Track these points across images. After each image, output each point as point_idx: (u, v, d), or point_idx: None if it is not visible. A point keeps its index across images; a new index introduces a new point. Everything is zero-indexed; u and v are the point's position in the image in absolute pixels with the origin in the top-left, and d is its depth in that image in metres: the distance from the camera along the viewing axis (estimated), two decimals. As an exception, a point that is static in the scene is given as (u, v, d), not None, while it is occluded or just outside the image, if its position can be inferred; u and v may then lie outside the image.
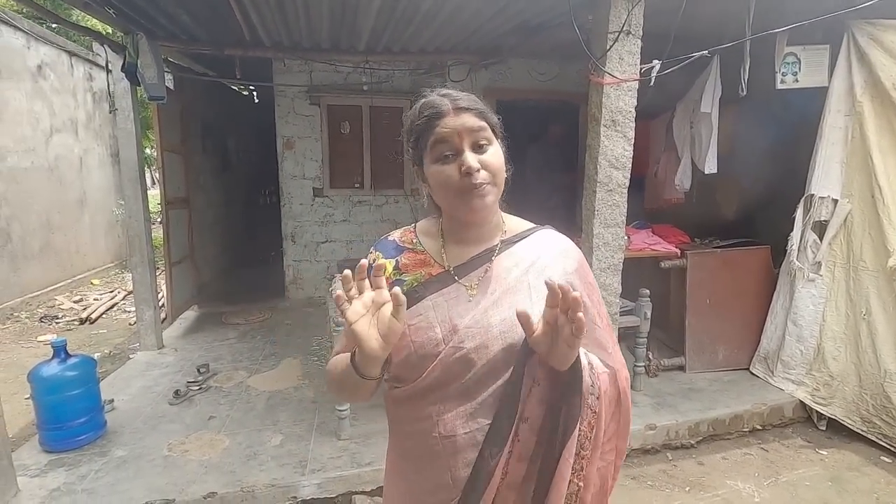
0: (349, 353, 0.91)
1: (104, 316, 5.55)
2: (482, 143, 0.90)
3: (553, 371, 0.89)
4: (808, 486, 2.59)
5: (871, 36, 2.87)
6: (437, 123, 0.89)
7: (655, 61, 2.78)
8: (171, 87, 4.65)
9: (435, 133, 0.90)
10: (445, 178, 0.90)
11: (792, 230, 3.29)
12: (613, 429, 0.98)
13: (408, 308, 0.93)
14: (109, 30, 4.55)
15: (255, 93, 8.04)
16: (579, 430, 0.91)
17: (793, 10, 2.81)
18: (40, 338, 4.82)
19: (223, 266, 6.49)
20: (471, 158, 0.88)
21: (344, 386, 0.96)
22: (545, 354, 0.87)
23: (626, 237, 3.15)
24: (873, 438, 2.88)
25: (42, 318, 5.41)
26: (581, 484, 0.93)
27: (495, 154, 0.92)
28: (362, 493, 2.43)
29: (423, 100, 0.94)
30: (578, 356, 0.89)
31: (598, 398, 0.92)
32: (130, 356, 4.04)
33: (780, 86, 3.15)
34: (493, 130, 0.93)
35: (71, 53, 6.72)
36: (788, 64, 3.14)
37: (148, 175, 11.10)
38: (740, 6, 2.80)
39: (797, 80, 3.14)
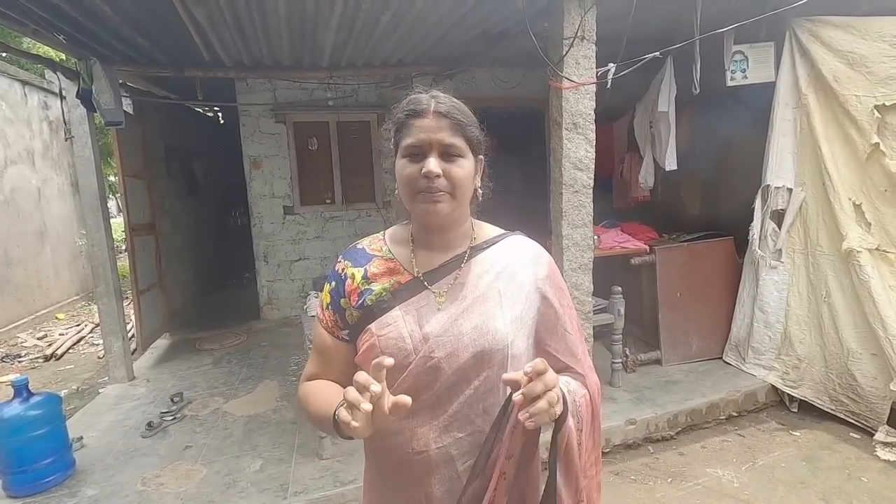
0: (331, 407, 0.85)
1: (71, 351, 5.34)
2: (452, 153, 0.90)
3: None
4: (784, 467, 2.66)
5: (811, 32, 3.03)
6: (413, 122, 0.90)
7: (611, 64, 2.87)
8: (131, 112, 4.56)
9: (409, 131, 0.90)
10: (407, 175, 0.90)
11: (752, 220, 3.40)
12: (591, 444, 0.98)
13: (377, 318, 0.93)
14: (63, 56, 4.45)
15: (219, 114, 7.94)
16: (578, 464, 0.91)
17: (738, 10, 2.94)
18: (2, 378, 4.60)
19: (195, 291, 6.34)
20: (433, 164, 0.88)
21: (320, 427, 0.99)
22: None
23: (595, 237, 3.21)
24: (842, 416, 2.98)
25: (3, 357, 5.17)
26: None
27: (462, 167, 0.90)
28: (347, 512, 2.39)
29: (412, 95, 0.94)
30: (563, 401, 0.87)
31: (581, 431, 0.92)
32: (100, 390, 3.89)
33: (730, 83, 3.28)
34: (470, 145, 0.92)
35: (24, 82, 6.53)
36: (737, 62, 3.27)
37: (113, 203, 10.81)
38: (688, 8, 2.92)
39: (746, 77, 3.28)
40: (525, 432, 0.89)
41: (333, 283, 1.00)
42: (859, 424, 2.90)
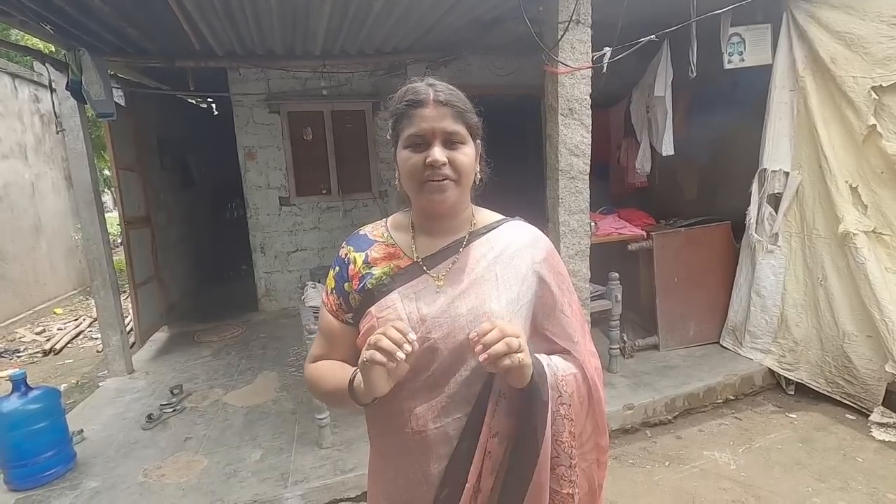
0: (345, 377, 0.92)
1: (69, 345, 5.33)
2: (455, 140, 0.91)
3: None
4: (780, 449, 2.69)
5: (809, 13, 2.99)
6: (414, 112, 0.90)
7: (606, 48, 2.84)
8: (122, 104, 4.50)
9: (411, 121, 0.90)
10: (411, 165, 0.91)
11: (749, 205, 3.40)
12: (591, 427, 1.00)
13: (376, 301, 0.96)
14: (52, 48, 4.38)
15: (213, 105, 7.85)
16: (561, 441, 0.93)
17: (733, -9, 2.90)
18: (1, 374, 4.60)
19: (192, 284, 6.33)
20: (438, 153, 0.89)
21: (333, 401, 1.00)
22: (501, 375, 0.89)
23: (592, 223, 3.21)
24: (838, 398, 3.01)
25: (2, 352, 5.17)
26: (575, 490, 0.96)
27: (465, 153, 0.92)
28: (347, 499, 2.40)
29: (408, 84, 0.94)
30: (538, 369, 0.90)
31: (570, 406, 0.94)
32: (99, 384, 3.89)
33: (727, 66, 3.26)
34: (470, 131, 0.94)
35: (13, 75, 6.44)
36: (734, 44, 3.24)
37: (108, 197, 10.73)
38: (684, -10, 2.88)
39: (743, 60, 3.25)
40: (510, 411, 0.91)
41: (337, 268, 1.03)
42: (855, 406, 2.93)
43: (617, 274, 3.28)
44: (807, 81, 3.04)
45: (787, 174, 3.20)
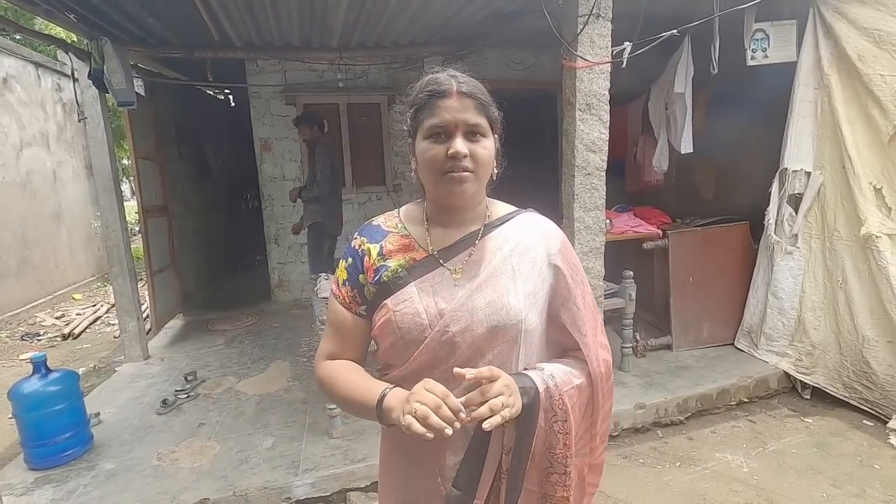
0: (368, 390, 0.91)
1: (88, 330, 5.45)
2: (476, 132, 0.91)
3: None
4: (795, 453, 2.65)
5: (836, 9, 2.92)
6: (437, 103, 0.90)
7: (626, 43, 2.79)
8: (142, 94, 4.56)
9: (433, 112, 0.90)
10: (431, 156, 0.90)
11: (768, 205, 3.34)
12: (586, 424, 1.01)
13: (392, 294, 0.95)
14: (75, 37, 4.45)
15: (230, 96, 7.92)
16: (555, 453, 0.95)
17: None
18: (22, 356, 4.72)
19: (207, 273, 6.41)
20: (460, 144, 0.89)
21: (350, 408, 0.98)
22: None
23: (607, 220, 3.17)
24: (855, 404, 2.95)
25: (23, 336, 5.30)
26: (570, 493, 0.97)
27: (485, 147, 0.92)
28: (356, 489, 2.42)
29: (429, 75, 0.94)
30: (530, 397, 0.91)
31: (564, 421, 0.95)
32: (116, 369, 3.97)
33: (750, 62, 3.19)
34: (490, 124, 0.94)
35: (37, 64, 6.56)
36: (757, 40, 3.17)
37: (126, 187, 10.92)
38: (708, -16, 2.83)
39: (767, 56, 3.18)
40: (516, 423, 0.92)
41: (350, 260, 1.02)
42: (873, 412, 2.87)
43: (631, 272, 3.24)
44: (832, 79, 2.97)
45: (808, 174, 3.13)
